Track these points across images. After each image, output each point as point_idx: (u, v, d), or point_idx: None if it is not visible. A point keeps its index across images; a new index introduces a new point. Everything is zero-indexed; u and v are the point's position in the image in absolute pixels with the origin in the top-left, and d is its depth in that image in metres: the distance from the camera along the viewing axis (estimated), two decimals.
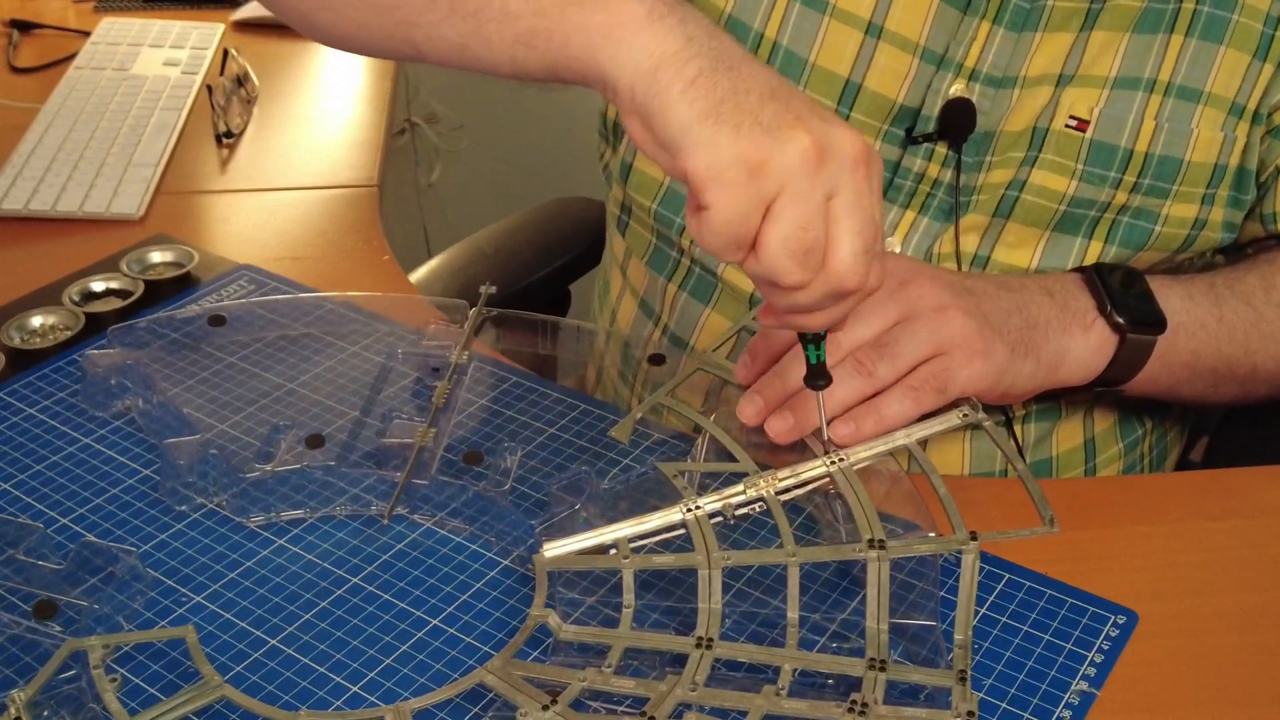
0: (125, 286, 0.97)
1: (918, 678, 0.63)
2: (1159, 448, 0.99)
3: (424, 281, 1.25)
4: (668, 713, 0.60)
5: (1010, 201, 0.85)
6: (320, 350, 0.89)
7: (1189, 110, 0.84)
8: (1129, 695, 0.64)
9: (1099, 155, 0.84)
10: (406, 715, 0.61)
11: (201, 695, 0.62)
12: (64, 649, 0.63)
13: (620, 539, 0.68)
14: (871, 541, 0.67)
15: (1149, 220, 0.86)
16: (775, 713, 0.61)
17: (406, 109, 2.11)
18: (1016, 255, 0.87)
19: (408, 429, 0.79)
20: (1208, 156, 0.85)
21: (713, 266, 0.92)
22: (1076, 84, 0.84)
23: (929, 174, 0.86)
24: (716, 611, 0.66)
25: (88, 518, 0.75)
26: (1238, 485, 0.81)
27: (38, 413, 0.84)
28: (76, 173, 1.15)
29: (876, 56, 0.85)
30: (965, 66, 0.84)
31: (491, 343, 0.90)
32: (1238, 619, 0.69)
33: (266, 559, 0.73)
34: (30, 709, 0.61)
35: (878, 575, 0.65)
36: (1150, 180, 0.84)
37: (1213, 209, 0.87)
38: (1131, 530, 0.75)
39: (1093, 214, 0.85)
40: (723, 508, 0.70)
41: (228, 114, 1.27)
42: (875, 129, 0.86)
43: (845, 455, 0.72)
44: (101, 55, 1.41)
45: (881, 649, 0.64)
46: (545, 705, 0.61)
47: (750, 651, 0.65)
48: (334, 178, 1.20)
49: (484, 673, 0.63)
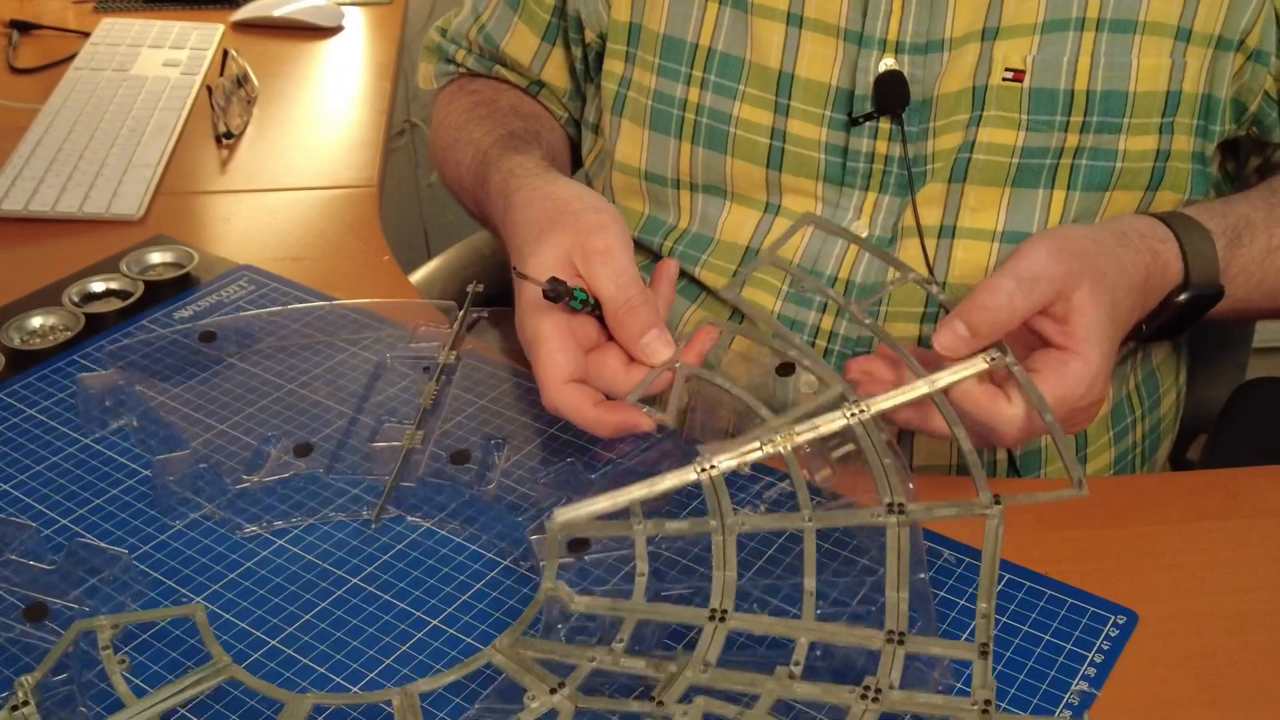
0: (125, 287, 0.97)
1: (937, 650, 0.61)
2: (1151, 437, 0.99)
3: (424, 282, 1.25)
4: (677, 696, 0.59)
5: (963, 164, 0.86)
6: (312, 355, 0.89)
7: (1125, 42, 0.83)
8: (1129, 695, 0.64)
9: (1040, 102, 0.84)
10: (414, 697, 0.61)
11: (210, 676, 0.62)
12: (73, 629, 0.63)
13: (633, 500, 0.65)
14: (891, 506, 0.64)
15: (1107, 159, 0.86)
16: (787, 697, 0.60)
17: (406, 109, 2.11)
18: (981, 219, 0.87)
19: (396, 432, 0.79)
20: (1154, 85, 0.84)
21: (690, 271, 0.94)
22: (1005, 36, 0.84)
23: (878, 151, 0.87)
24: (731, 581, 0.64)
25: (86, 519, 0.75)
26: (1238, 485, 0.81)
27: (37, 413, 0.84)
28: (76, 173, 1.15)
29: (803, 45, 0.87)
30: (888, 41, 0.85)
31: (488, 340, 0.90)
32: (1238, 619, 0.69)
33: (264, 560, 0.73)
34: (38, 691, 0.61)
35: (897, 542, 0.63)
36: (1098, 118, 0.84)
37: (1174, 138, 0.86)
38: (1131, 530, 0.75)
39: (1048, 162, 0.86)
40: (738, 465, 0.67)
41: (227, 114, 1.27)
42: (818, 116, 0.87)
43: (866, 406, 0.68)
44: (101, 56, 1.41)
45: (901, 620, 0.62)
46: (554, 688, 0.60)
47: (766, 624, 0.63)
48: (334, 178, 1.20)
49: (492, 652, 0.62)
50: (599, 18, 0.95)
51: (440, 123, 1.05)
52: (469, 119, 1.00)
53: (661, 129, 0.92)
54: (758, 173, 0.90)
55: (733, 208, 0.92)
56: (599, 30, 0.96)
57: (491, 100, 1.03)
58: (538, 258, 0.73)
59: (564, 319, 0.72)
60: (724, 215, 0.93)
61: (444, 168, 1.04)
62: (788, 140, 0.88)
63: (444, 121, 1.04)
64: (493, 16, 1.03)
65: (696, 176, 0.92)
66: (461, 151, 0.98)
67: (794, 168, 0.89)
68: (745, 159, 0.90)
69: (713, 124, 0.90)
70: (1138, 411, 0.97)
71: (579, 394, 0.72)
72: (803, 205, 0.90)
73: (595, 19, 0.95)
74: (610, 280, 0.72)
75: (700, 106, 0.90)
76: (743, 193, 0.92)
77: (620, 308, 0.72)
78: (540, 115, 1.03)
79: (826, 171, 0.88)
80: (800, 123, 0.88)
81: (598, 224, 0.74)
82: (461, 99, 1.05)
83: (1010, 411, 0.69)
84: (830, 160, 0.88)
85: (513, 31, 1.02)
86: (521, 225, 0.77)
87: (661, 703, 0.59)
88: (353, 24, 1.57)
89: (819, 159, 0.88)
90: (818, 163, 0.88)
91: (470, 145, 0.97)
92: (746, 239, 0.92)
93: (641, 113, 0.93)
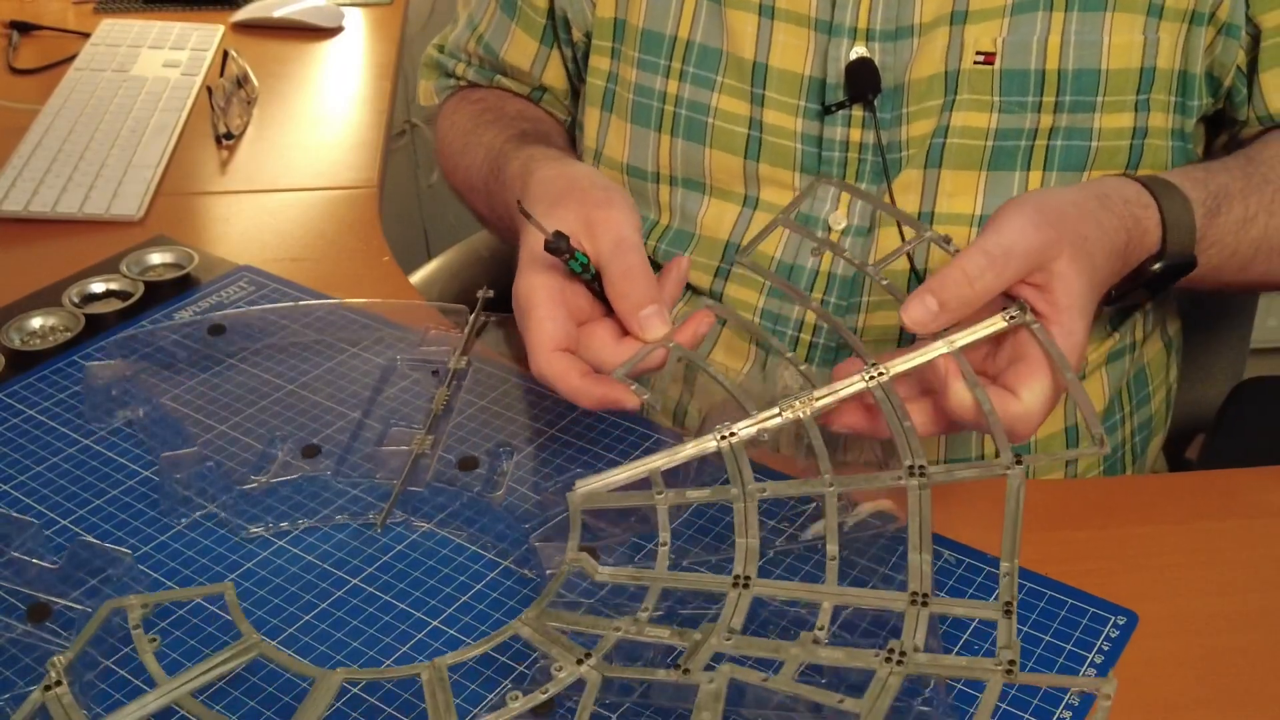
0: (125, 288, 0.97)
1: (961, 611, 0.61)
2: (1141, 435, 0.99)
3: (424, 283, 1.25)
4: (703, 663, 0.59)
5: (938, 149, 0.86)
6: (321, 355, 0.89)
7: (1096, 19, 0.83)
8: (1129, 695, 0.64)
9: (1012, 83, 0.84)
10: (442, 670, 0.61)
11: (240, 654, 0.62)
12: (104, 608, 0.64)
13: (654, 470, 0.66)
14: (912, 468, 0.64)
15: (1082, 138, 0.86)
16: (812, 661, 0.59)
17: (406, 110, 2.11)
18: (958, 204, 0.87)
19: (405, 436, 0.79)
20: (1127, 62, 0.84)
21: None
22: (974, 19, 0.84)
23: (853, 140, 0.87)
24: (754, 548, 0.64)
25: (87, 519, 0.75)
26: (1238, 485, 0.81)
27: (37, 414, 0.84)
28: (76, 174, 1.15)
29: (775, 35, 0.87)
30: (858, 29, 0.85)
31: (497, 345, 0.89)
32: (1238, 619, 0.69)
33: (265, 561, 0.73)
34: (70, 671, 0.61)
35: (919, 504, 0.63)
36: (1071, 97, 0.84)
37: (1150, 115, 0.86)
38: (1131, 530, 0.75)
39: (1023, 144, 0.86)
40: (758, 433, 0.67)
41: (227, 115, 1.27)
42: (792, 106, 0.88)
43: (885, 369, 0.67)
44: (101, 57, 1.42)
45: (925, 582, 0.61)
46: (580, 659, 0.60)
47: (790, 589, 0.63)
48: (334, 179, 1.20)
49: (519, 624, 0.62)
50: (584, 16, 0.96)
51: (447, 130, 1.06)
52: (478, 124, 1.01)
53: (642, 122, 0.93)
54: (736, 164, 0.90)
55: (711, 202, 0.93)
56: (584, 28, 0.96)
57: (497, 107, 1.03)
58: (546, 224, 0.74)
59: (559, 286, 0.72)
60: (703, 210, 0.93)
61: (453, 174, 1.05)
62: (764, 130, 0.89)
63: (451, 129, 1.05)
64: (490, 26, 1.04)
65: (676, 170, 0.93)
66: (472, 155, 0.98)
67: (771, 158, 0.89)
68: (724, 150, 0.90)
69: (691, 115, 0.91)
70: (1126, 408, 0.97)
71: (566, 362, 0.71)
72: (781, 196, 0.90)
73: (581, 17, 0.96)
74: (612, 245, 0.72)
75: (679, 98, 0.91)
76: (721, 185, 0.92)
77: (621, 275, 0.71)
78: (545, 119, 1.04)
79: (803, 161, 0.89)
80: (775, 113, 0.88)
81: (605, 199, 0.75)
82: (466, 108, 1.05)
83: (1021, 408, 0.67)
84: (806, 150, 0.88)
85: (511, 39, 1.02)
86: (535, 200, 0.78)
87: (688, 670, 0.58)
88: (353, 24, 1.58)
89: (795, 149, 0.89)
90: (794, 152, 0.89)
91: (482, 147, 0.97)
92: (726, 234, 0.92)
93: (625, 107, 0.94)
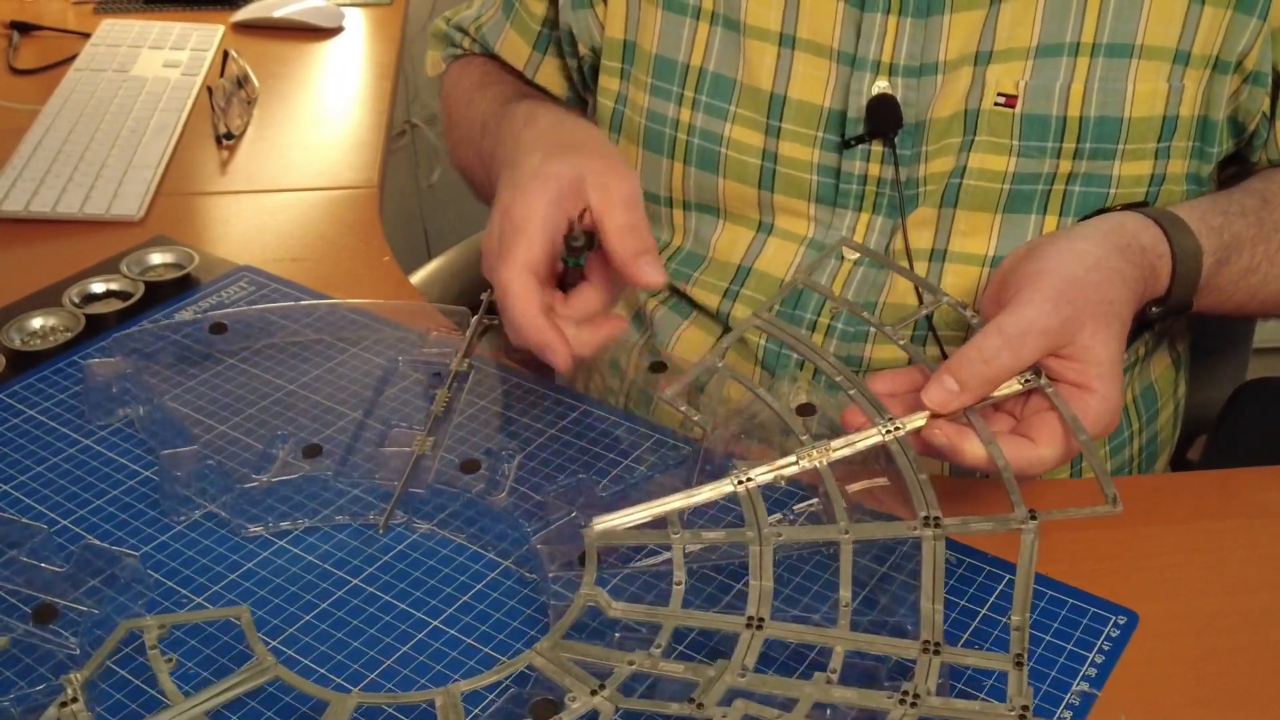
0: (125, 288, 0.97)
1: (973, 661, 0.62)
2: (1148, 450, 0.98)
3: (424, 283, 1.25)
4: (716, 699, 0.59)
5: (955, 189, 0.86)
6: (321, 355, 0.89)
7: (1121, 67, 0.82)
8: (1129, 695, 0.64)
9: (1032, 128, 0.83)
10: (456, 697, 0.61)
11: (255, 676, 0.62)
12: (120, 629, 0.64)
13: (670, 512, 0.66)
14: (927, 519, 0.65)
15: (1101, 184, 0.85)
16: (825, 701, 0.60)
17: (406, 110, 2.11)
18: (971, 244, 0.87)
19: (406, 437, 0.79)
20: (1151, 110, 0.83)
21: (682, 288, 0.94)
22: (998, 60, 0.83)
23: (871, 174, 0.87)
24: (768, 590, 0.64)
25: (88, 520, 0.75)
26: (1238, 485, 0.81)
27: (38, 414, 0.84)
28: (77, 174, 1.15)
29: (795, 66, 0.86)
30: (882, 63, 0.84)
31: (499, 348, 0.89)
32: (1238, 619, 0.69)
33: (265, 561, 0.73)
34: (87, 689, 0.61)
35: (933, 554, 0.64)
36: (1091, 144, 0.84)
37: (1169, 162, 0.85)
38: (1131, 530, 0.75)
39: (1040, 188, 0.85)
40: (774, 479, 0.68)
41: (228, 115, 1.27)
42: (810, 137, 0.87)
43: (901, 424, 0.69)
44: (101, 57, 1.42)
45: (936, 631, 0.62)
46: (594, 690, 0.60)
47: (801, 632, 0.63)
48: (334, 179, 1.20)
49: (533, 654, 0.63)
50: (590, 34, 0.95)
51: (451, 88, 1.07)
52: (484, 82, 1.02)
53: (654, 148, 0.93)
54: (750, 193, 0.90)
55: (726, 226, 0.93)
56: (590, 45, 0.96)
57: (500, 73, 1.04)
58: (559, 163, 0.75)
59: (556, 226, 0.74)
60: (717, 233, 0.93)
61: (455, 129, 1.05)
62: (779, 162, 0.88)
63: (455, 86, 1.06)
64: (489, 20, 1.04)
65: (689, 195, 0.92)
66: (475, 108, 0.99)
67: (785, 189, 0.89)
68: (736, 180, 0.90)
69: (704, 144, 0.90)
70: (1135, 425, 0.96)
71: (535, 285, 0.72)
72: (795, 225, 0.90)
73: (587, 34, 0.96)
74: (622, 202, 0.74)
75: (692, 126, 0.90)
76: (736, 211, 0.92)
77: (626, 227, 0.74)
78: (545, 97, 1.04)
79: (819, 193, 0.88)
80: (792, 144, 0.87)
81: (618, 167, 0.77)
82: (473, 70, 1.06)
83: (1044, 453, 0.68)
84: (823, 181, 0.88)
85: (505, 37, 1.03)
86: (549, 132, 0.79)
87: (701, 705, 0.59)
88: (353, 25, 1.58)
89: (811, 180, 0.88)
90: (810, 184, 0.88)
91: (486, 100, 0.98)
92: (739, 257, 0.92)
93: (636, 131, 0.93)
